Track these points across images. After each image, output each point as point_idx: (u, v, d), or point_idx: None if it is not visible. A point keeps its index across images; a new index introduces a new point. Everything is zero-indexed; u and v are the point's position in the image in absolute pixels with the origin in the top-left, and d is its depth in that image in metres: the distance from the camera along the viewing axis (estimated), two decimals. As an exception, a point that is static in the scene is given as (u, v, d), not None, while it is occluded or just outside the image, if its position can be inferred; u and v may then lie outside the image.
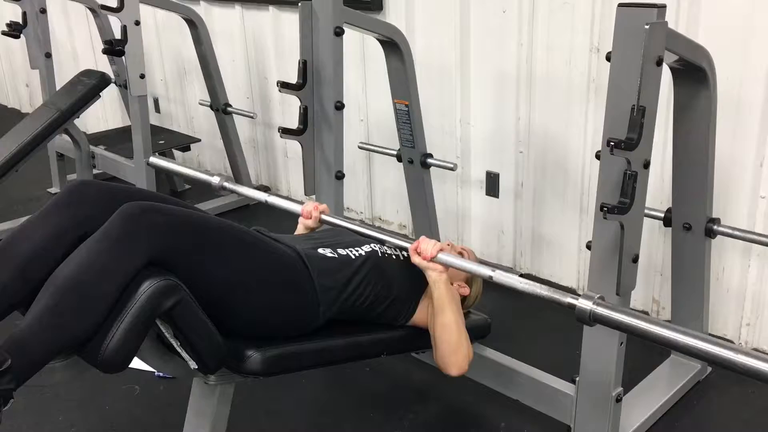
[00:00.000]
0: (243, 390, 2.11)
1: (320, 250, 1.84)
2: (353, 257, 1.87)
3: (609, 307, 1.51)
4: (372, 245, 1.94)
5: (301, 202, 2.14)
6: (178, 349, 1.56)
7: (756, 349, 2.51)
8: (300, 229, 2.18)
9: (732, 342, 2.54)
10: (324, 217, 2.12)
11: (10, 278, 1.51)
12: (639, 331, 1.47)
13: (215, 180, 2.28)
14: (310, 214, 2.12)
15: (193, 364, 1.58)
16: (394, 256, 1.95)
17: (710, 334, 2.38)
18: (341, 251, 1.87)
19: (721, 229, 2.12)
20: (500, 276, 1.70)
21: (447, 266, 1.85)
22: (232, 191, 2.30)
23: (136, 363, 1.71)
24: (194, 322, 1.53)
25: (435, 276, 1.86)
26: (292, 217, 2.20)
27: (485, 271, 1.72)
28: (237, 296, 1.63)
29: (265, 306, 1.68)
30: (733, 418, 2.17)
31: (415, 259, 1.87)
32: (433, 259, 1.84)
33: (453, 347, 1.87)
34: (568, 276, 2.98)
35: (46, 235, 1.56)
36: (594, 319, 1.52)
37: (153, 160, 2.44)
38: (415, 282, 1.95)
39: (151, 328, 1.52)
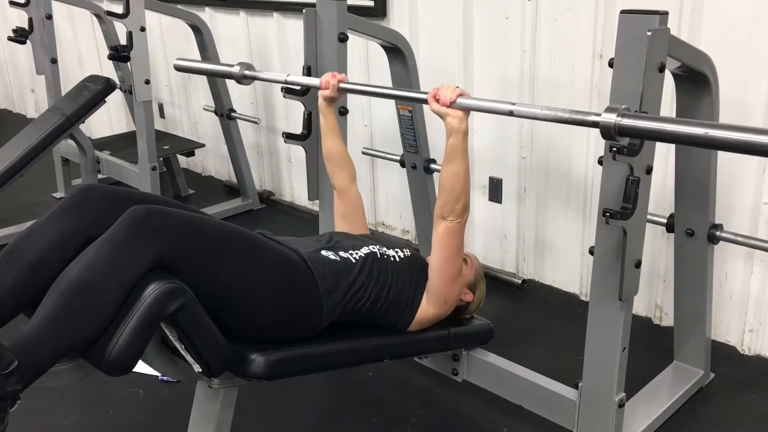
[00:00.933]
0: (247, 393, 2.12)
1: (323, 253, 1.86)
2: (354, 260, 1.88)
3: (633, 116, 1.49)
4: (370, 247, 1.95)
5: (304, 208, 2.14)
6: (183, 353, 1.57)
7: (759, 356, 2.51)
8: (322, 106, 2.16)
9: (735, 348, 2.55)
10: (342, 85, 2.11)
11: (16, 281, 1.53)
12: (667, 134, 1.45)
13: (236, 69, 2.27)
14: (329, 83, 2.10)
15: (197, 368, 1.59)
16: (391, 258, 1.96)
17: (713, 341, 2.40)
18: (342, 254, 1.88)
19: (723, 235, 2.13)
20: (520, 108, 1.68)
21: (467, 111, 1.81)
22: (254, 77, 2.30)
23: (141, 367, 1.72)
24: (198, 325, 1.54)
25: (455, 123, 1.80)
26: (296, 221, 2.21)
27: (504, 107, 1.70)
28: (241, 300, 1.64)
29: (269, 309, 1.69)
30: (735, 424, 2.17)
31: (434, 107, 1.82)
32: (452, 105, 1.79)
33: (456, 195, 1.85)
34: (571, 281, 2.98)
35: (53, 238, 1.58)
36: (619, 132, 1.50)
37: (178, 62, 2.50)
38: (415, 281, 1.96)
39: (156, 332, 1.52)
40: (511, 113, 1.70)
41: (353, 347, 1.89)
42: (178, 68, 2.53)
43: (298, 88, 2.35)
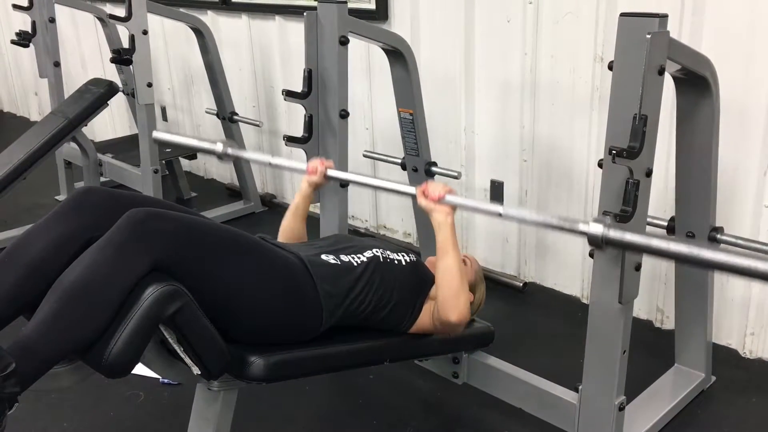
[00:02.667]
0: (246, 396, 2.12)
1: (323, 257, 1.85)
2: (356, 264, 1.87)
3: (620, 228, 1.50)
4: (374, 251, 1.95)
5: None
6: (182, 355, 1.57)
7: (760, 359, 2.50)
8: (303, 188, 2.16)
9: (736, 351, 2.54)
10: (330, 172, 2.10)
11: (15, 283, 1.53)
12: (651, 250, 1.45)
13: (218, 147, 2.20)
14: (316, 169, 2.10)
15: (196, 370, 1.59)
16: (395, 261, 1.96)
17: (714, 344, 2.40)
18: (344, 258, 1.88)
19: (724, 237, 2.12)
20: (509, 211, 1.70)
21: (454, 208, 1.84)
22: (236, 156, 2.23)
23: (141, 369, 1.73)
24: (197, 327, 1.54)
25: (441, 218, 1.84)
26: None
27: (494, 209, 1.72)
28: (240, 302, 1.64)
29: (269, 312, 1.69)
30: (736, 427, 2.16)
31: (422, 202, 1.86)
32: (440, 201, 1.82)
33: (454, 291, 1.85)
34: (572, 284, 2.98)
35: (52, 240, 1.58)
36: (606, 242, 1.50)
37: (156, 134, 2.40)
38: (418, 286, 1.96)
39: (155, 334, 1.53)
40: (499, 215, 1.71)
41: (353, 349, 1.89)
42: (157, 140, 2.44)
43: (299, 91, 2.36)
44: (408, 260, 1.99)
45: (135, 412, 2.30)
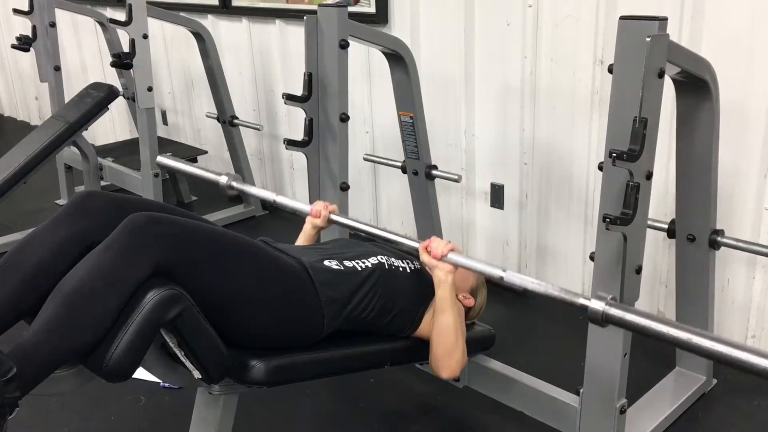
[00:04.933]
0: (247, 400, 2.12)
1: (326, 262, 1.85)
2: (359, 269, 1.87)
3: (621, 307, 1.49)
4: (379, 257, 1.94)
5: (307, 214, 2.14)
6: (182, 359, 1.57)
7: (762, 362, 2.50)
8: (307, 229, 2.16)
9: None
10: (333, 217, 2.10)
11: (17, 288, 1.53)
12: (652, 332, 1.44)
13: (223, 179, 2.23)
14: (320, 213, 2.10)
15: (196, 374, 1.59)
16: (401, 269, 1.95)
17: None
18: (347, 263, 1.87)
19: (725, 240, 2.12)
20: (511, 276, 1.69)
21: (456, 267, 1.84)
22: (240, 191, 2.26)
23: (142, 373, 1.72)
24: (198, 332, 1.54)
25: (442, 276, 1.85)
26: (299, 227, 2.20)
27: (496, 272, 1.72)
28: (241, 307, 1.64)
29: (269, 317, 1.69)
30: (738, 430, 2.16)
31: (424, 258, 1.86)
32: (442, 258, 1.83)
33: (448, 350, 1.86)
34: (572, 287, 2.90)
35: (53, 245, 1.58)
36: (606, 320, 1.50)
37: (161, 159, 2.43)
38: (421, 294, 1.95)
39: (156, 338, 1.53)
40: (501, 279, 1.70)
41: (354, 353, 1.88)
42: (161, 165, 2.46)
43: (299, 95, 2.36)
44: (412, 268, 1.99)
45: (136, 416, 2.30)
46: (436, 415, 2.29)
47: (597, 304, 1.51)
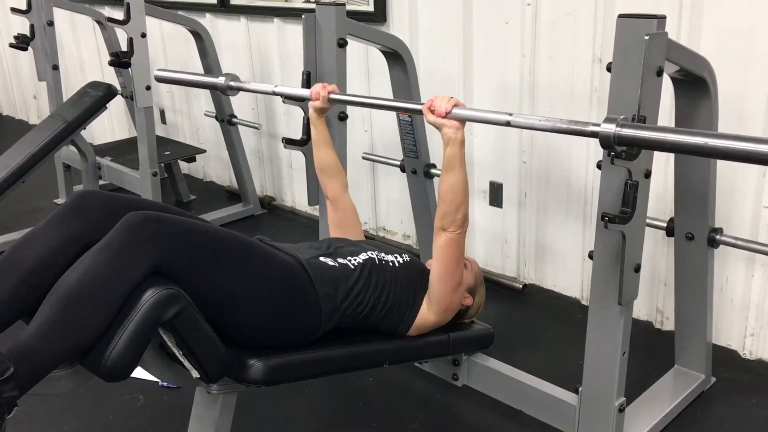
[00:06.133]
0: (246, 399, 2.12)
1: (321, 259, 1.85)
2: (352, 266, 1.87)
3: (632, 126, 1.50)
4: (368, 253, 1.95)
5: (305, 214, 2.14)
6: (181, 359, 1.56)
7: (760, 360, 2.50)
8: (313, 118, 2.16)
9: (736, 352, 2.54)
10: (333, 96, 2.11)
11: (14, 287, 1.53)
12: (666, 144, 1.45)
13: (221, 80, 2.24)
14: (319, 94, 2.11)
15: (194, 373, 1.59)
16: (390, 263, 1.96)
17: (714, 345, 2.39)
18: (341, 260, 1.88)
19: (724, 239, 2.12)
20: (517, 118, 1.69)
21: (463, 121, 1.81)
22: (239, 89, 2.26)
23: (140, 373, 1.73)
24: (196, 331, 1.54)
25: (451, 133, 1.80)
26: (297, 226, 2.20)
27: (502, 117, 1.71)
28: (239, 306, 1.64)
29: (268, 315, 1.69)
30: (736, 428, 2.16)
31: (429, 118, 1.83)
32: (447, 115, 1.80)
33: (456, 206, 1.84)
34: (572, 286, 2.98)
35: (51, 244, 1.58)
36: (618, 142, 1.50)
37: (158, 73, 2.44)
38: (413, 286, 1.96)
39: (154, 337, 1.52)
40: (508, 123, 1.70)
41: (353, 352, 1.89)
42: (159, 79, 2.48)
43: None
44: (402, 261, 1.99)
45: (134, 415, 2.30)
46: (434, 413, 2.29)
47: (608, 127, 1.51)
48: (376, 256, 1.95)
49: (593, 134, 1.55)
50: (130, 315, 1.43)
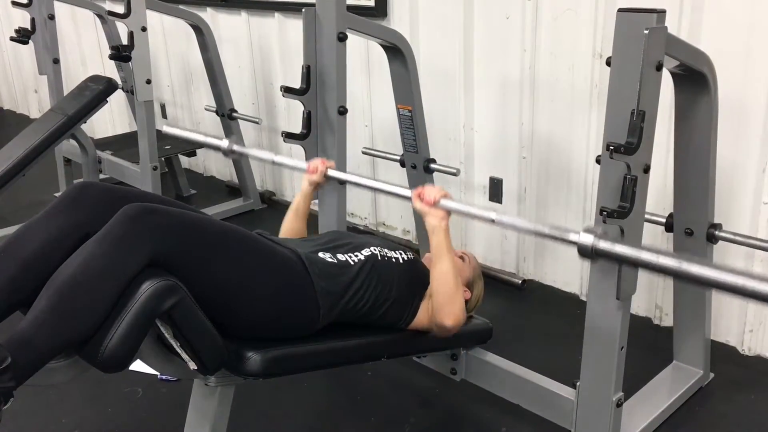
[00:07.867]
0: (244, 392, 2.12)
1: (320, 254, 1.85)
2: (352, 262, 1.87)
3: (611, 239, 1.50)
4: (371, 249, 1.94)
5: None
6: (178, 350, 1.57)
7: (759, 356, 2.50)
8: (304, 187, 2.18)
9: (735, 348, 2.54)
10: (330, 172, 2.12)
11: (12, 278, 1.52)
12: (641, 262, 1.45)
13: (224, 143, 2.25)
14: (317, 168, 2.13)
15: (192, 365, 1.59)
16: (393, 260, 1.96)
17: (713, 341, 2.40)
18: (340, 256, 1.88)
19: (723, 234, 2.12)
20: (502, 217, 1.70)
21: (449, 213, 1.84)
22: (241, 153, 2.27)
23: (140, 365, 1.73)
24: (194, 323, 1.54)
25: (435, 222, 1.85)
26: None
27: (487, 215, 1.72)
28: (237, 298, 1.64)
29: (266, 308, 1.69)
30: (734, 424, 2.16)
31: (417, 205, 1.87)
32: (435, 205, 1.83)
33: (449, 296, 1.86)
34: (571, 281, 2.98)
35: (49, 235, 1.58)
36: (596, 253, 1.51)
37: (166, 129, 2.44)
38: (415, 284, 1.95)
39: (152, 329, 1.53)
40: (492, 222, 1.71)
41: (351, 346, 1.89)
42: (166, 134, 2.48)
43: (297, 87, 2.36)
44: (405, 258, 1.99)
45: (133, 407, 2.30)
46: (432, 407, 2.29)
47: (586, 238, 1.51)
48: (379, 252, 1.94)
49: (573, 243, 1.54)
50: (128, 306, 1.43)
